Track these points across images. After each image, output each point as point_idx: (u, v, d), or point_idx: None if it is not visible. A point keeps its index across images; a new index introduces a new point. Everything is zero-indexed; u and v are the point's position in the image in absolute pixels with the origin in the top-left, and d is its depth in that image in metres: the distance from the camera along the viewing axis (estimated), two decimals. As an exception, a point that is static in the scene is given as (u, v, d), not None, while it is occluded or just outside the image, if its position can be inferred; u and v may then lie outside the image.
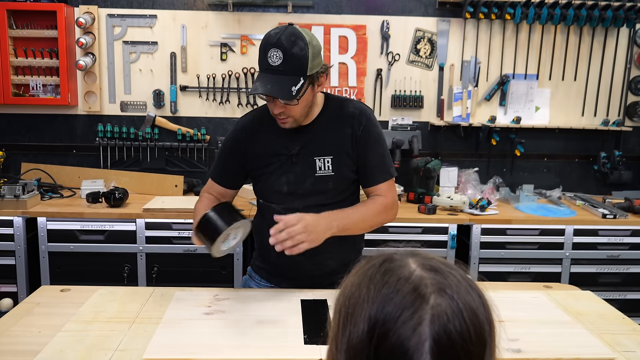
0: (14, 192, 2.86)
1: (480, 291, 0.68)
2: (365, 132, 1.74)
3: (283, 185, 1.75)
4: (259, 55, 1.61)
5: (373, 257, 0.71)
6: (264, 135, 1.77)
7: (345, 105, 1.77)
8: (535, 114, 3.51)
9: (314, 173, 1.74)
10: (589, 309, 1.69)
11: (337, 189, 1.77)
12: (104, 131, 3.35)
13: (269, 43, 1.58)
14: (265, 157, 1.76)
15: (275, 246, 1.50)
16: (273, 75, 1.58)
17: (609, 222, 3.02)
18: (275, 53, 1.57)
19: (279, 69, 1.57)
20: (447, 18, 3.43)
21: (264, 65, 1.59)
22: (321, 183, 1.74)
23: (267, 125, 1.77)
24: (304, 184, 1.74)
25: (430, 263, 0.67)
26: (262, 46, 1.61)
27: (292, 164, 1.74)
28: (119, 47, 3.36)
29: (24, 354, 1.32)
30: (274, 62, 1.57)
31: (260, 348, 1.37)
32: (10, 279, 2.88)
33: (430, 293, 0.63)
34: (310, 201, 1.74)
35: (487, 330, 0.65)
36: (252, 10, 3.37)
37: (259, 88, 1.57)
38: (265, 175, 1.77)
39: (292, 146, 1.74)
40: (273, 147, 1.75)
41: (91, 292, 1.69)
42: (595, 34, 3.47)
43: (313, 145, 1.74)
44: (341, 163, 1.74)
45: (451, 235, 2.98)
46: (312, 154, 1.74)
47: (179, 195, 3.27)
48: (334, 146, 1.74)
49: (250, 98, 3.41)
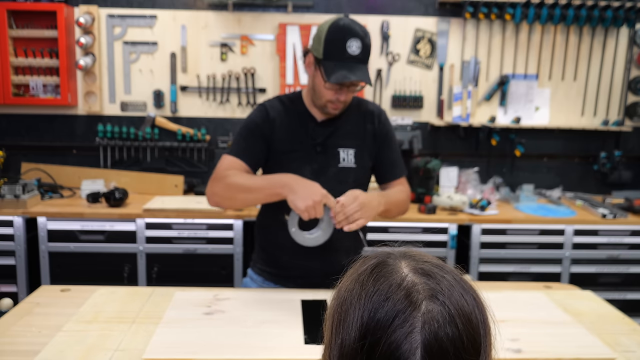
0: (14, 192, 2.86)
1: (476, 293, 0.67)
2: (384, 129, 1.86)
3: (307, 174, 1.72)
4: (332, 45, 1.64)
5: (368, 258, 0.71)
6: (290, 121, 1.78)
7: (364, 103, 1.88)
8: (535, 114, 3.51)
9: (337, 164, 1.78)
10: (589, 309, 1.69)
11: (356, 182, 1.80)
12: (104, 131, 3.35)
13: (348, 33, 1.63)
14: (290, 143, 1.76)
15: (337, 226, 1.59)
16: (354, 63, 1.64)
17: (609, 222, 3.02)
18: (355, 43, 1.63)
19: (359, 58, 1.65)
20: (447, 18, 3.43)
21: (342, 54, 1.63)
22: (343, 174, 1.78)
23: (291, 111, 1.80)
24: (326, 174, 1.76)
25: (422, 267, 0.67)
26: (337, 36, 1.64)
27: (316, 153, 1.76)
28: (119, 47, 3.36)
29: (24, 354, 1.33)
30: (353, 51, 1.63)
31: (260, 348, 1.37)
32: (10, 279, 2.88)
33: (422, 299, 0.62)
34: (331, 192, 1.72)
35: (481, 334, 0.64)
36: (252, 10, 3.37)
37: (351, 76, 1.63)
38: (287, 163, 1.74)
39: (317, 136, 1.77)
40: (298, 135, 1.77)
41: (91, 292, 1.69)
42: (595, 34, 3.47)
43: (338, 137, 1.78)
44: (362, 156, 1.81)
45: (451, 236, 2.98)
46: (336, 145, 1.78)
47: (179, 195, 3.27)
48: (357, 139, 1.81)
49: (251, 98, 3.41)
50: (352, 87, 1.69)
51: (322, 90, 1.68)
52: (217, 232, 2.92)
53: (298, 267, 1.78)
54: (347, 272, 0.72)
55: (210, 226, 2.91)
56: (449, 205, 3.05)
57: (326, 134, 1.77)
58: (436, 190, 3.30)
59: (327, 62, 1.65)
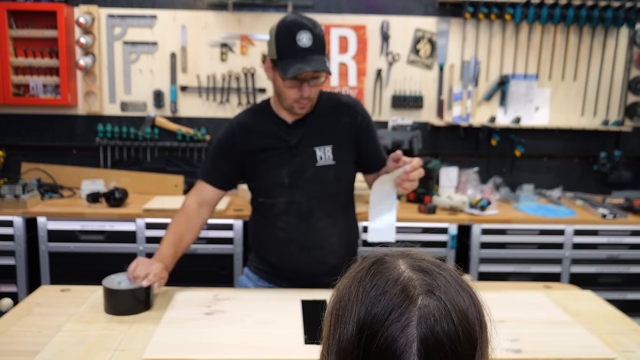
0: (14, 192, 2.86)
1: (472, 291, 0.67)
2: (365, 121, 1.83)
3: (284, 177, 1.75)
4: (283, 42, 1.63)
5: (366, 258, 0.72)
6: (259, 130, 1.78)
7: (337, 97, 1.84)
8: (535, 114, 3.51)
9: (314, 163, 1.76)
10: (589, 309, 1.69)
11: (338, 178, 1.79)
12: (104, 131, 3.35)
13: (296, 27, 1.62)
14: (263, 151, 1.76)
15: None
16: (307, 55, 1.62)
17: (609, 222, 3.02)
18: (304, 35, 1.62)
19: (311, 49, 1.63)
20: (447, 18, 3.43)
21: (294, 49, 1.62)
22: (322, 173, 1.76)
23: (260, 119, 1.79)
24: (305, 175, 1.75)
25: (419, 264, 0.67)
26: (286, 32, 1.63)
27: (291, 156, 1.75)
28: (119, 47, 3.36)
29: (24, 354, 1.33)
30: (304, 44, 1.62)
31: (260, 348, 1.37)
32: (10, 279, 2.88)
33: (419, 294, 0.63)
34: (312, 192, 1.76)
35: (477, 331, 0.65)
36: (252, 10, 3.37)
37: (305, 67, 1.61)
38: (264, 170, 1.77)
39: (291, 138, 1.76)
40: (270, 141, 1.76)
41: (91, 292, 1.69)
42: (595, 34, 3.47)
43: (312, 136, 1.76)
44: (341, 152, 1.78)
45: (451, 235, 2.98)
46: (311, 144, 1.76)
47: (179, 195, 3.27)
48: (333, 135, 1.78)
49: (250, 98, 3.41)
50: (314, 80, 1.67)
51: (285, 90, 1.68)
52: (217, 232, 2.92)
53: (288, 267, 1.80)
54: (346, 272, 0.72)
55: (210, 226, 2.91)
56: (449, 205, 3.05)
57: (299, 135, 1.76)
58: (436, 190, 3.30)
59: (281, 61, 1.64)
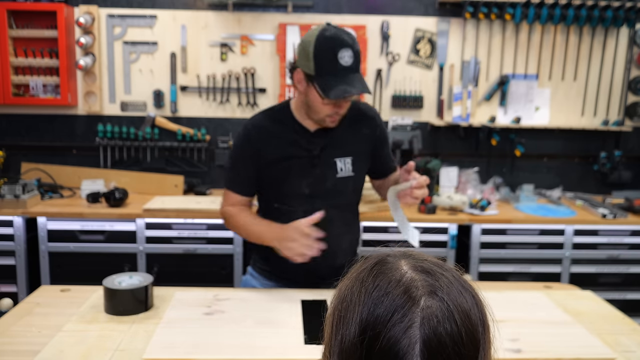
0: (14, 192, 2.86)
1: (475, 292, 0.67)
2: (381, 131, 1.84)
3: (304, 188, 1.72)
4: (323, 59, 1.57)
5: (368, 258, 0.71)
6: (280, 136, 1.73)
7: (357, 106, 1.81)
8: (535, 114, 3.51)
9: (335, 174, 1.74)
10: (589, 309, 1.69)
11: (355, 190, 1.82)
12: (104, 131, 3.35)
13: (337, 44, 1.56)
14: (284, 159, 1.72)
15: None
16: (349, 74, 1.58)
17: (609, 222, 3.02)
18: (346, 53, 1.57)
19: (352, 68, 1.59)
20: (447, 18, 3.43)
21: (335, 67, 1.57)
22: (342, 184, 1.76)
23: (281, 125, 1.74)
24: (325, 186, 1.74)
25: (422, 265, 0.67)
26: (326, 48, 1.56)
27: (312, 166, 1.72)
28: (119, 47, 3.36)
29: (24, 354, 1.33)
30: (346, 62, 1.57)
31: (260, 348, 1.37)
32: (10, 279, 2.89)
33: (421, 295, 0.63)
34: (330, 202, 1.75)
35: (480, 332, 0.64)
36: (252, 10, 3.37)
37: (351, 90, 1.56)
38: (284, 179, 1.73)
39: (313, 147, 1.72)
40: (292, 149, 1.72)
41: (91, 292, 1.69)
42: (595, 34, 3.47)
43: (334, 146, 1.74)
44: (360, 163, 1.79)
45: (451, 235, 2.98)
46: (332, 155, 1.74)
47: (179, 195, 3.27)
48: (353, 147, 1.77)
49: (250, 98, 3.41)
50: (349, 96, 1.64)
51: (320, 106, 1.63)
52: (217, 232, 2.92)
53: (299, 270, 1.77)
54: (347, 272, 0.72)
55: (210, 226, 2.91)
56: (449, 205, 3.05)
57: (321, 145, 1.73)
58: (436, 190, 3.30)
59: (320, 78, 1.58)
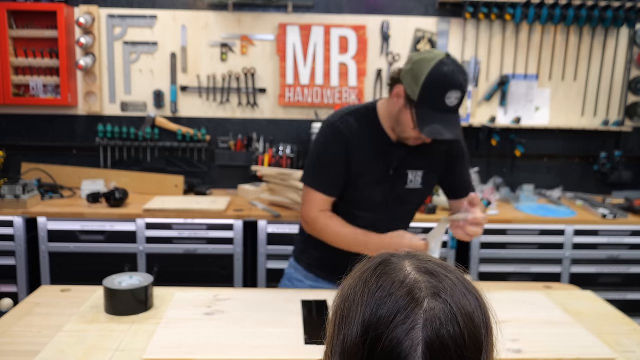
0: (14, 192, 2.86)
1: (478, 294, 0.67)
2: (459, 149, 1.79)
3: (378, 195, 1.73)
4: (430, 93, 1.53)
5: (371, 258, 0.71)
6: (368, 141, 1.71)
7: None
8: (535, 114, 3.51)
9: (404, 185, 1.75)
10: (589, 309, 1.69)
11: (419, 202, 1.84)
12: (104, 131, 3.35)
13: (450, 84, 1.51)
14: (368, 164, 1.71)
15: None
16: (448, 115, 1.55)
17: (609, 222, 3.02)
18: (455, 94, 1.53)
19: (454, 109, 1.56)
20: (447, 18, 3.43)
21: (439, 105, 1.53)
22: (409, 196, 1.78)
23: (368, 129, 1.72)
24: (394, 195, 1.75)
25: (426, 266, 0.67)
26: (438, 85, 1.52)
27: (387, 175, 1.73)
28: (119, 47, 3.36)
29: (24, 354, 1.33)
30: (451, 102, 1.53)
31: (260, 348, 1.37)
32: (10, 279, 2.88)
33: (424, 297, 0.63)
34: (396, 212, 1.77)
35: (483, 334, 0.64)
36: (252, 10, 3.37)
37: (445, 134, 1.53)
38: (361, 185, 1.73)
39: (392, 158, 1.72)
40: (375, 157, 1.72)
41: (91, 292, 1.69)
42: (595, 34, 3.47)
43: (410, 159, 1.74)
44: (430, 177, 1.79)
45: (451, 235, 2.98)
46: (406, 167, 1.74)
47: (179, 195, 3.27)
48: (427, 160, 1.76)
49: (250, 98, 3.41)
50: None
51: (408, 129, 1.61)
52: (217, 232, 2.92)
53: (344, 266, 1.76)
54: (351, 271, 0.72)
55: (210, 226, 2.91)
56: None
57: (400, 157, 1.72)
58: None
59: (420, 109, 1.55)
